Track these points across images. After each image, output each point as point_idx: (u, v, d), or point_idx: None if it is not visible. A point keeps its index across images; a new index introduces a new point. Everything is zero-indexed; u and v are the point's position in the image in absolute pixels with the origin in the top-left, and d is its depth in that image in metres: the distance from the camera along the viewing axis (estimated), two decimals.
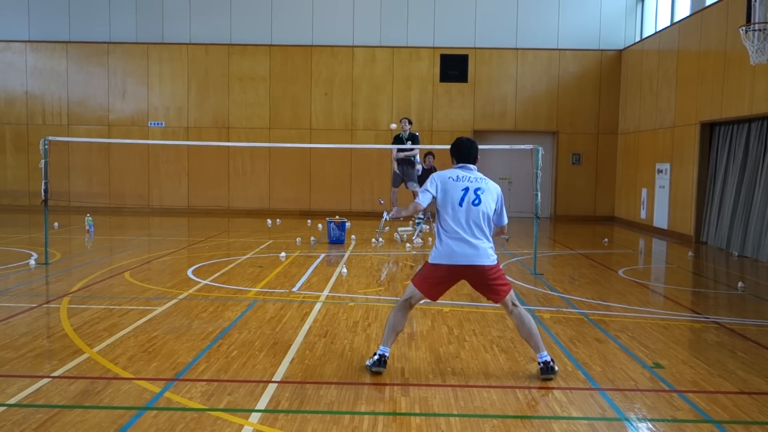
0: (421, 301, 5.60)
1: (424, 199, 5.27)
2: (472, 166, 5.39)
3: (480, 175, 5.37)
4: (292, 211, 19.58)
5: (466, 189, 5.21)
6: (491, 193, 5.28)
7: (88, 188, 19.94)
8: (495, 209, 5.31)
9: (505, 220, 5.43)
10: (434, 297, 5.45)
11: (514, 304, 5.37)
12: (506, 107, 19.81)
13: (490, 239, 5.30)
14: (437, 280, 5.32)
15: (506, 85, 19.76)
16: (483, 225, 5.22)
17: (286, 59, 19.81)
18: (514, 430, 4.37)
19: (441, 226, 5.27)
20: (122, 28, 19.93)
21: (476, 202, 5.19)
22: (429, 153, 15.32)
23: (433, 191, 5.26)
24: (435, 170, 14.50)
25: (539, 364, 5.32)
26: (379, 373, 5.33)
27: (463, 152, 5.41)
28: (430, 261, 5.33)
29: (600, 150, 19.85)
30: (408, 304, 5.41)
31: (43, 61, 20.09)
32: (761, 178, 12.71)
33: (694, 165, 14.83)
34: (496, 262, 5.28)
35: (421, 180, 14.54)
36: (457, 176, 5.29)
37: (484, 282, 5.28)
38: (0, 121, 20.17)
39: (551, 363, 5.30)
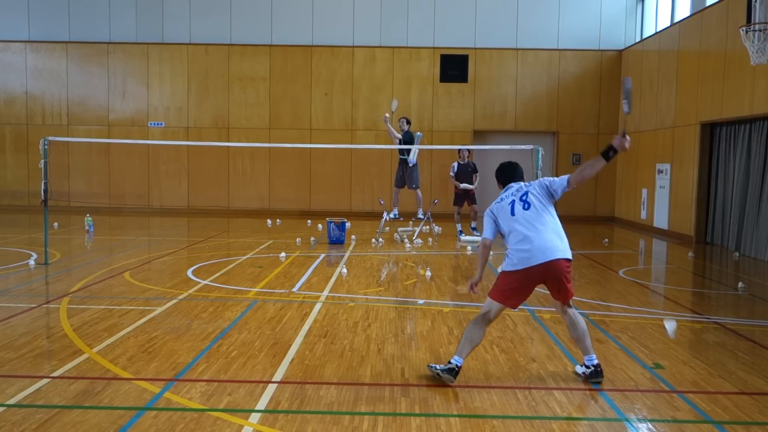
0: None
1: (487, 233, 5.42)
2: (515, 184, 5.53)
3: (521, 183, 5.50)
4: (292, 212, 19.57)
5: (513, 202, 5.35)
6: (536, 191, 5.38)
7: (88, 188, 19.94)
8: (548, 190, 5.41)
9: (564, 183, 5.47)
10: (514, 305, 5.35)
11: (569, 305, 5.40)
12: (506, 107, 19.80)
13: (559, 234, 5.29)
14: (515, 287, 5.24)
15: (506, 86, 19.76)
16: (547, 221, 5.26)
17: (286, 59, 19.80)
18: (514, 430, 4.36)
19: (508, 241, 5.32)
20: (122, 28, 19.93)
21: (526, 206, 5.31)
22: (463, 149, 14.80)
23: (492, 218, 5.42)
24: (472, 166, 14.43)
25: (586, 366, 5.32)
26: (450, 382, 5.15)
27: (507, 176, 5.60)
28: (505, 269, 5.27)
29: (600, 150, 19.79)
30: (486, 319, 5.33)
31: (43, 62, 20.09)
32: (762, 178, 12.71)
33: (694, 165, 14.82)
34: (570, 257, 5.26)
35: (461, 174, 14.46)
36: (501, 198, 5.47)
37: (560, 278, 5.20)
38: (0, 122, 20.17)
39: (600, 367, 5.29)
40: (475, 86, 19.72)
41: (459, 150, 14.86)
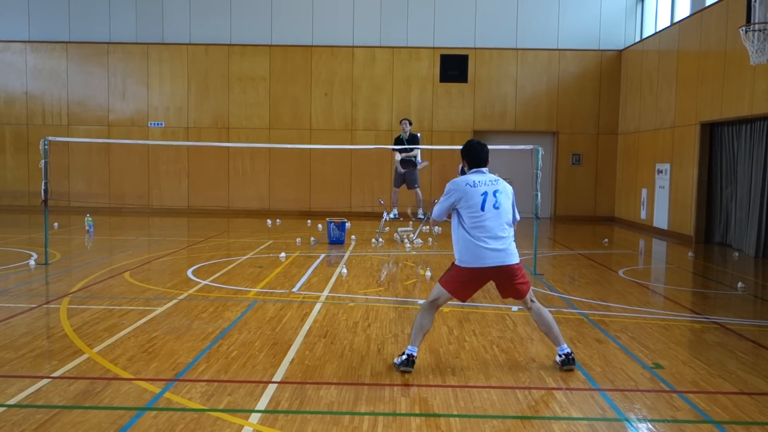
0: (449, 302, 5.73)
1: (439, 216, 5.49)
2: (485, 169, 5.56)
3: (493, 176, 5.53)
4: (292, 212, 19.57)
5: (485, 193, 5.36)
6: (506, 193, 5.48)
7: (88, 188, 19.94)
8: (512, 202, 5.53)
9: (517, 217, 5.59)
10: (464, 298, 5.60)
11: (532, 300, 5.59)
12: (506, 107, 19.80)
13: (513, 238, 5.48)
14: (467, 282, 5.43)
15: (506, 86, 19.76)
16: (506, 226, 5.40)
17: (286, 59, 19.80)
18: (514, 430, 4.37)
19: (465, 230, 5.36)
20: (122, 29, 19.93)
21: (497, 205, 5.36)
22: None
23: (452, 200, 5.41)
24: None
25: (559, 356, 5.53)
26: (408, 372, 5.38)
27: (476, 156, 5.58)
28: (457, 263, 5.42)
29: (600, 150, 19.85)
30: (435, 305, 5.55)
31: (43, 62, 20.09)
32: (762, 178, 12.71)
33: (694, 165, 14.83)
34: (519, 261, 5.47)
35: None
36: (474, 182, 5.42)
37: (511, 281, 5.44)
38: (0, 122, 20.17)
39: (572, 354, 5.51)
40: (475, 86, 19.72)
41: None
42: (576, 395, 5.02)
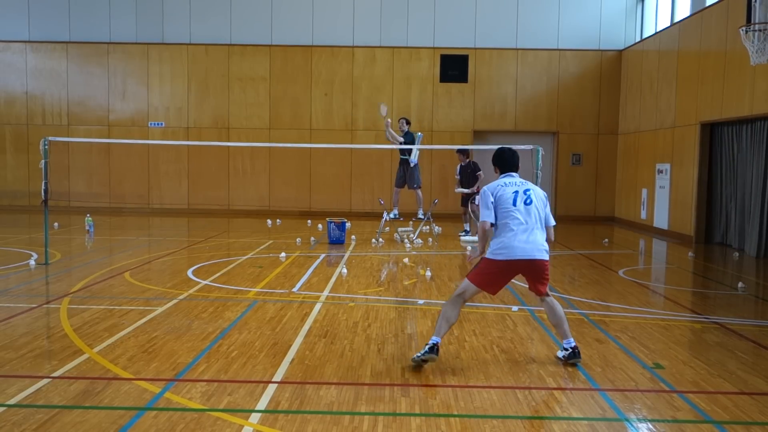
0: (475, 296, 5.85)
1: (487, 216, 5.64)
2: (515, 173, 5.84)
3: (524, 180, 5.81)
4: (292, 212, 19.57)
5: (516, 192, 5.64)
6: (539, 195, 5.74)
7: (88, 188, 19.94)
8: (545, 204, 5.76)
9: (552, 222, 5.82)
10: (493, 291, 5.79)
11: (546, 293, 5.77)
12: (506, 107, 19.80)
13: (544, 234, 5.67)
14: (496, 274, 5.62)
15: (506, 86, 19.76)
16: (537, 221, 5.62)
17: (286, 59, 19.81)
18: (514, 430, 4.36)
19: (497, 225, 5.61)
20: (122, 29, 19.93)
21: (528, 201, 5.62)
22: (461, 151, 14.65)
23: (488, 200, 5.64)
24: (473, 166, 14.38)
25: (564, 349, 5.69)
26: (432, 360, 5.50)
27: (507, 162, 5.91)
28: (488, 256, 5.62)
29: (600, 150, 19.85)
30: (461, 299, 5.71)
31: (43, 62, 20.09)
32: (762, 178, 12.71)
33: (694, 165, 14.83)
34: (548, 257, 5.67)
35: (462, 176, 14.45)
36: (506, 183, 5.75)
37: (538, 275, 5.64)
38: (0, 122, 20.17)
39: (578, 349, 5.68)
40: (475, 86, 19.72)
41: (458, 151, 14.84)
42: (576, 395, 5.02)
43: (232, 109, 19.94)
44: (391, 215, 14.51)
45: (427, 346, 5.53)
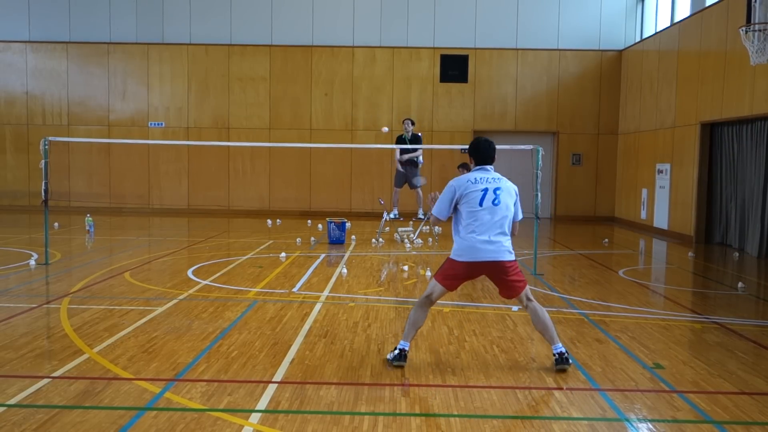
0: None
1: (440, 212, 5.53)
2: (489, 167, 5.62)
3: (497, 174, 5.59)
4: (292, 212, 19.57)
5: (486, 190, 5.44)
6: (509, 191, 5.54)
7: (89, 188, 19.94)
8: (515, 200, 5.58)
9: (520, 216, 5.67)
10: (453, 288, 5.69)
11: (528, 299, 5.61)
12: (506, 107, 19.80)
13: (509, 236, 5.54)
14: (459, 275, 5.54)
15: (506, 86, 19.76)
16: (503, 223, 5.46)
17: (286, 59, 19.81)
18: (514, 430, 4.37)
19: (461, 224, 5.48)
20: (122, 29, 19.94)
21: (496, 201, 5.44)
22: (465, 166, 14.49)
23: (450, 196, 5.48)
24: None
25: (554, 355, 5.53)
26: (401, 367, 5.47)
27: (482, 153, 5.65)
28: (451, 257, 5.53)
29: (600, 150, 19.85)
30: (429, 301, 5.65)
31: (44, 62, 20.09)
32: (762, 178, 12.71)
33: (694, 165, 14.82)
34: (514, 258, 5.53)
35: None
36: (476, 179, 5.51)
37: (503, 278, 5.51)
38: (0, 122, 20.17)
39: (566, 354, 5.50)
40: (475, 86, 19.72)
41: (459, 169, 14.51)
42: (576, 395, 5.02)
43: (232, 109, 19.94)
44: (391, 215, 14.52)
45: (396, 351, 5.51)
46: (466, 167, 14.00)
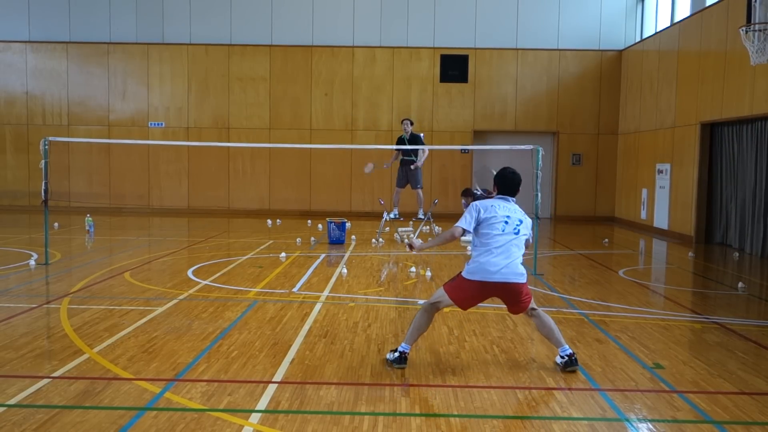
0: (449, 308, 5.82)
1: (465, 223, 5.52)
2: (512, 198, 5.69)
3: (517, 207, 5.66)
4: (292, 212, 19.57)
5: (508, 217, 5.51)
6: (527, 224, 5.62)
7: (89, 188, 19.94)
8: (528, 231, 5.66)
9: (530, 240, 5.77)
10: (465, 308, 5.72)
11: (533, 308, 5.63)
12: (506, 107, 19.80)
13: (522, 258, 5.57)
14: (470, 293, 5.50)
15: (506, 86, 19.76)
16: (519, 247, 5.51)
17: (286, 59, 19.81)
18: (514, 430, 4.37)
19: (479, 244, 5.49)
20: (122, 29, 19.94)
21: (516, 231, 5.50)
22: (468, 193, 13.22)
23: (476, 214, 5.52)
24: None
25: (561, 357, 5.54)
26: (401, 369, 5.47)
27: (508, 185, 5.72)
28: (464, 275, 5.48)
29: (600, 150, 19.85)
30: (435, 308, 5.64)
31: (44, 62, 20.09)
32: (763, 178, 12.71)
33: (694, 165, 14.83)
34: (525, 281, 5.54)
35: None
36: (500, 205, 5.59)
37: (515, 298, 5.52)
38: (0, 122, 20.18)
39: (574, 356, 5.54)
40: (475, 86, 19.72)
41: (462, 196, 14.38)
42: (576, 395, 5.02)
43: (232, 109, 19.94)
44: (392, 215, 14.52)
45: (397, 353, 5.51)
46: (470, 194, 13.60)
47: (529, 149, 10.40)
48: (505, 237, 5.43)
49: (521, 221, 5.54)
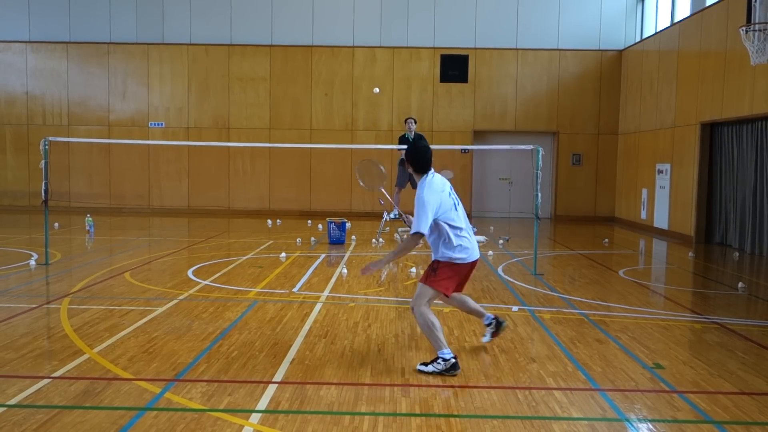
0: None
1: (425, 226, 5.32)
2: (434, 172, 5.66)
3: (439, 175, 5.69)
4: (292, 212, 19.58)
5: (450, 194, 5.57)
6: (453, 190, 5.72)
7: (89, 188, 19.95)
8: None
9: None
10: (450, 293, 5.74)
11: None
12: (506, 107, 19.80)
13: None
14: (459, 277, 5.63)
15: (506, 86, 19.76)
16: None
17: (286, 59, 19.81)
18: (514, 430, 4.37)
19: (448, 232, 5.41)
20: (122, 29, 19.94)
21: (458, 202, 5.62)
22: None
23: (433, 210, 5.33)
24: None
25: (488, 325, 6.03)
26: (457, 373, 5.41)
27: (427, 162, 5.53)
28: (455, 262, 5.46)
29: (600, 150, 19.85)
30: (430, 303, 5.66)
31: (44, 62, 20.10)
32: (763, 178, 12.71)
33: (694, 165, 14.83)
34: None
35: None
36: (438, 184, 5.50)
37: (471, 274, 5.78)
38: (0, 122, 20.18)
39: (498, 318, 6.08)
40: (475, 86, 19.73)
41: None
42: (576, 395, 5.02)
43: (232, 109, 19.94)
44: (392, 215, 14.52)
45: (450, 364, 5.32)
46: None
47: (529, 149, 10.40)
48: (459, 213, 5.53)
49: (452, 188, 5.65)
